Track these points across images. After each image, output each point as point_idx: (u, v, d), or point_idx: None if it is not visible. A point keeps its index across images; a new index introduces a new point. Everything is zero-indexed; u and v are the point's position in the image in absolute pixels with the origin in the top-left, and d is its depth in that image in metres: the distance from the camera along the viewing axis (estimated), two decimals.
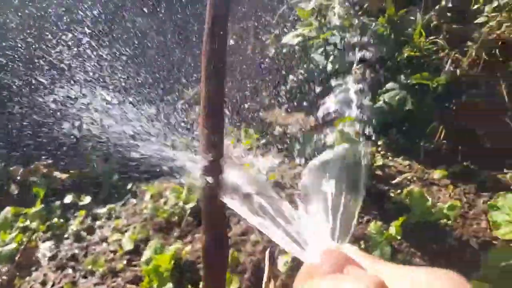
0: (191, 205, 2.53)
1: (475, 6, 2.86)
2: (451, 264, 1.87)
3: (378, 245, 1.87)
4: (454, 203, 2.06)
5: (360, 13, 3.16)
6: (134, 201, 2.75)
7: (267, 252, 1.70)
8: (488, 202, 1.97)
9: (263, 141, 2.94)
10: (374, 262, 0.52)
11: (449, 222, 2.07)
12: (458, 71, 2.82)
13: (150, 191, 2.68)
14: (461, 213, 2.14)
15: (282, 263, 1.93)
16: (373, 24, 2.95)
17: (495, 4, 2.71)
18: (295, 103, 3.30)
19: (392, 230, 1.92)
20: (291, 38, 3.23)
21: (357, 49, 2.90)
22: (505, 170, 2.47)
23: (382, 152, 2.67)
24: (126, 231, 2.52)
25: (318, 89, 3.12)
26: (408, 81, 2.77)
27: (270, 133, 2.99)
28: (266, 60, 3.42)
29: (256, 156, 2.90)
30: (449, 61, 2.74)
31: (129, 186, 2.87)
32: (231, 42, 3.60)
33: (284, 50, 3.35)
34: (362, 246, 1.98)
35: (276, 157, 2.84)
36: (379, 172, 2.51)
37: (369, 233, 1.97)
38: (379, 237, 1.90)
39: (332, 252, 0.55)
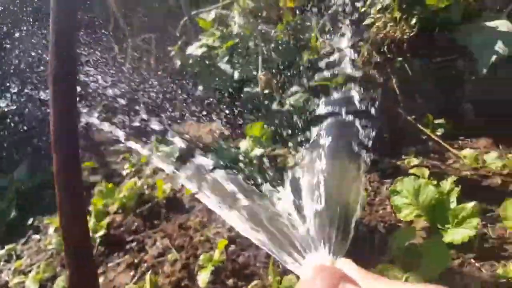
0: (101, 233, 2.36)
1: (363, 9, 3.09)
2: (362, 251, 1.95)
3: None
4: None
5: (260, 21, 3.25)
6: (37, 237, 2.49)
7: (148, 274, 1.63)
8: (390, 188, 2.10)
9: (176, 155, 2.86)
10: (369, 278, 0.51)
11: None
12: (354, 70, 3.02)
13: (54, 224, 2.45)
14: (368, 201, 2.27)
15: (201, 279, 1.87)
16: (273, 31, 3.05)
17: (378, 6, 2.95)
18: (207, 113, 3.28)
19: None
20: (195, 49, 3.22)
21: (260, 56, 2.97)
22: (403, 157, 2.67)
23: (293, 153, 2.74)
24: (30, 271, 2.27)
25: (228, 98, 3.14)
26: (311, 83, 2.90)
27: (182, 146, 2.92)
28: (173, 72, 3.36)
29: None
30: (341, 61, 2.92)
31: (30, 221, 2.60)
32: (135, 54, 3.48)
33: (190, 61, 3.31)
34: None
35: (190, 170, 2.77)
36: None
37: None
38: None
39: (326, 268, 0.54)
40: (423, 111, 2.87)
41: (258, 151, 2.51)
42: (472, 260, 1.83)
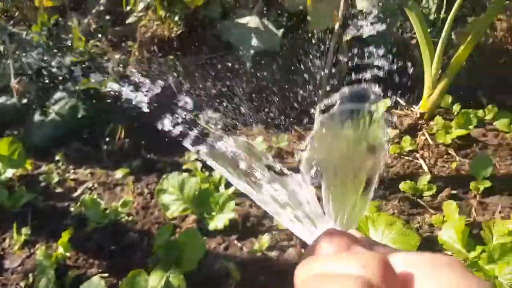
0: None
1: (128, 8, 2.99)
2: (131, 257, 1.84)
3: (45, 271, 1.64)
4: (127, 198, 2.06)
5: (11, 22, 2.82)
6: None
7: None
8: (156, 188, 2.04)
9: None
10: (381, 246, 0.50)
11: (130, 218, 2.05)
12: (127, 70, 2.90)
13: None
14: (143, 205, 2.17)
15: None
16: (25, 33, 2.67)
17: (141, 5, 2.89)
18: None
19: (60, 249, 1.74)
20: None
21: (10, 62, 2.55)
22: (185, 154, 2.67)
23: (62, 167, 2.45)
24: None
25: None
26: (77, 88, 2.64)
27: None
28: None
29: None
30: (111, 62, 2.77)
31: None
32: None
33: None
34: (30, 279, 1.72)
35: None
36: (59, 190, 2.28)
37: (37, 260, 1.72)
38: (46, 262, 1.68)
39: (338, 232, 0.52)
40: (204, 108, 2.94)
41: (9, 172, 2.14)
42: (236, 241, 1.91)
